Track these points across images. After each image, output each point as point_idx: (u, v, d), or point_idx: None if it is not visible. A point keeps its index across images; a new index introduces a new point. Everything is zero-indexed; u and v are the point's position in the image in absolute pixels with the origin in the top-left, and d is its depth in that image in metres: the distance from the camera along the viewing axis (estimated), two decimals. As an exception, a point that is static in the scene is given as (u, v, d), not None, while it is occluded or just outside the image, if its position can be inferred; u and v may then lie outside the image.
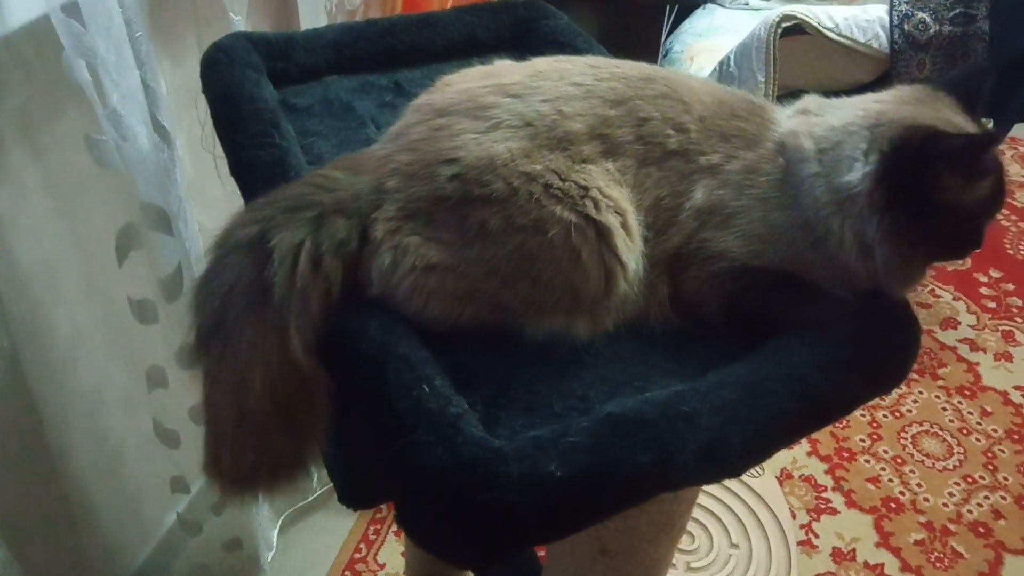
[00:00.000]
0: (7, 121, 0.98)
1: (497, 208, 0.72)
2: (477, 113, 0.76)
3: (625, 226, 0.75)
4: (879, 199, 0.73)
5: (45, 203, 1.15)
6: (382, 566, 1.73)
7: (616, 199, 0.75)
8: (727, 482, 1.88)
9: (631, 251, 0.76)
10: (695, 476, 0.69)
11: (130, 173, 1.04)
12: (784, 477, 1.97)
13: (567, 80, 0.79)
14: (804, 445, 2.04)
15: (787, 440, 0.74)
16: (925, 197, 0.73)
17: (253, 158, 0.89)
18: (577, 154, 0.76)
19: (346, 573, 1.71)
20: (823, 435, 2.07)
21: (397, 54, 1.13)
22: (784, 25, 1.89)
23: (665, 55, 2.36)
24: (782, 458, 2.01)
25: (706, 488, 1.87)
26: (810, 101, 0.84)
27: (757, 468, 1.94)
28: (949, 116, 0.76)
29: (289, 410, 0.74)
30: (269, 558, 1.66)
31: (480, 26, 1.16)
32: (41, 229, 1.18)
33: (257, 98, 0.96)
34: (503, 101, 0.77)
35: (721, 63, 2.05)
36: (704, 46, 2.32)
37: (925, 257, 0.77)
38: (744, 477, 1.91)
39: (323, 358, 0.73)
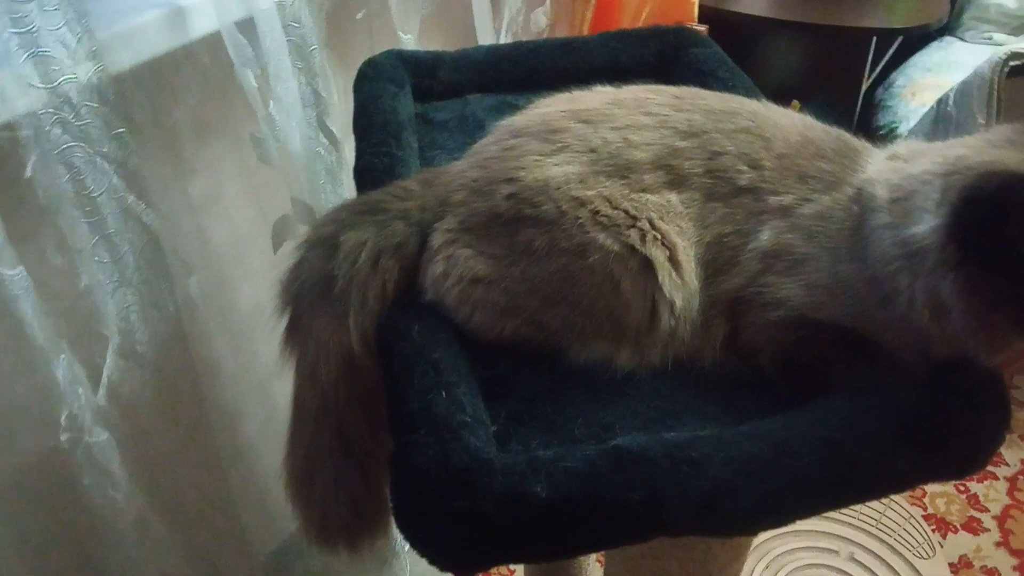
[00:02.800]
0: (187, 119, 1.14)
1: (544, 229, 0.74)
2: (546, 136, 0.78)
3: (673, 260, 0.74)
4: (952, 254, 0.66)
5: (237, 189, 1.31)
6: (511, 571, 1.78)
7: (666, 232, 0.74)
8: (887, 555, 1.73)
9: (678, 287, 0.74)
10: (691, 525, 0.66)
11: (283, 170, 1.16)
12: (962, 565, 1.77)
13: (643, 109, 0.79)
14: (994, 532, 1.82)
15: (810, 508, 0.68)
16: (1007, 251, 0.65)
17: (369, 164, 0.97)
18: (637, 183, 0.75)
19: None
20: (1020, 524, 1.83)
21: (539, 77, 1.17)
22: (1013, 64, 1.70)
23: (887, 89, 2.20)
24: (963, 543, 1.80)
25: (861, 559, 1.73)
26: (904, 145, 0.77)
27: (927, 547, 1.77)
28: None
29: (363, 401, 0.80)
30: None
31: (624, 52, 1.17)
32: (231, 213, 1.35)
33: (387, 110, 1.04)
34: (573, 126, 0.78)
35: (939, 102, 1.88)
36: (931, 82, 2.14)
37: (1019, 320, 0.68)
38: (911, 555, 1.75)
39: (377, 353, 0.79)
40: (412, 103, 1.11)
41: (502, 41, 1.54)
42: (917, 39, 2.24)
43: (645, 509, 0.64)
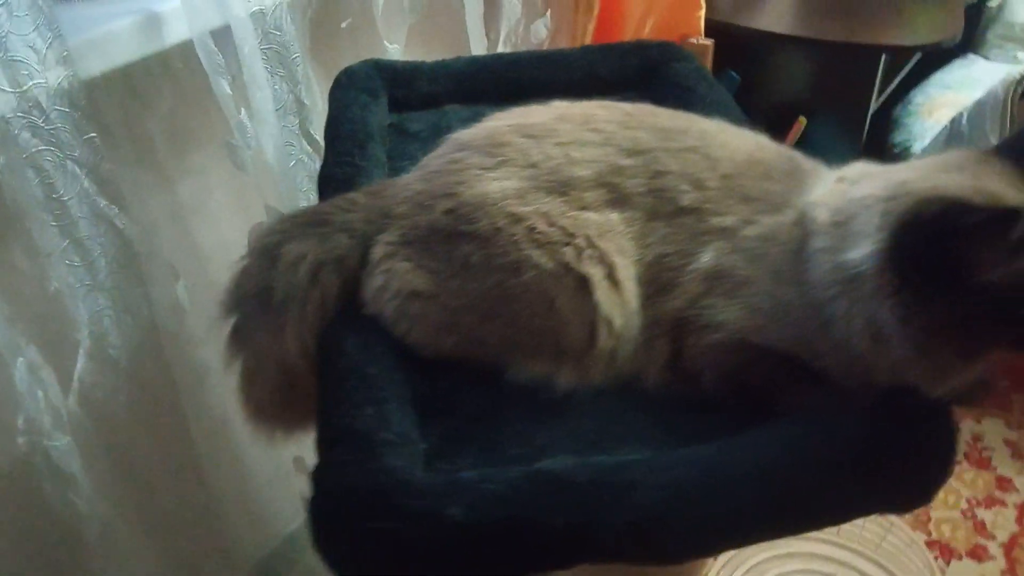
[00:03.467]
0: (163, 125, 1.14)
1: (480, 245, 0.73)
2: (489, 150, 0.77)
3: (612, 279, 0.72)
4: (890, 281, 0.63)
5: (226, 196, 1.31)
6: None
7: (605, 250, 0.72)
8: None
9: (616, 306, 0.72)
10: (618, 552, 0.64)
11: (257, 178, 1.17)
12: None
13: (589, 126, 0.77)
14: (1000, 560, 1.76)
15: (744, 537, 0.66)
16: (945, 278, 0.62)
17: (331, 174, 0.96)
18: (577, 200, 0.74)
19: None
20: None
21: (518, 88, 1.15)
22: (1026, 84, 1.65)
23: (905, 106, 2.16)
24: (967, 570, 1.75)
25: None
26: (854, 168, 0.74)
27: (928, 574, 1.71)
28: (991, 184, 0.64)
29: (300, 414, 0.80)
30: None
31: (603, 66, 1.16)
32: (218, 219, 1.35)
33: (356, 119, 1.03)
34: (517, 140, 0.77)
35: (953, 121, 1.84)
36: (949, 100, 2.09)
37: (962, 348, 0.65)
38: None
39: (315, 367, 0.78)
40: (386, 113, 1.11)
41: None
42: (939, 56, 2.19)
43: (567, 535, 0.62)
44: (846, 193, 0.70)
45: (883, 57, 1.70)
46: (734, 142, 0.77)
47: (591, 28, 1.70)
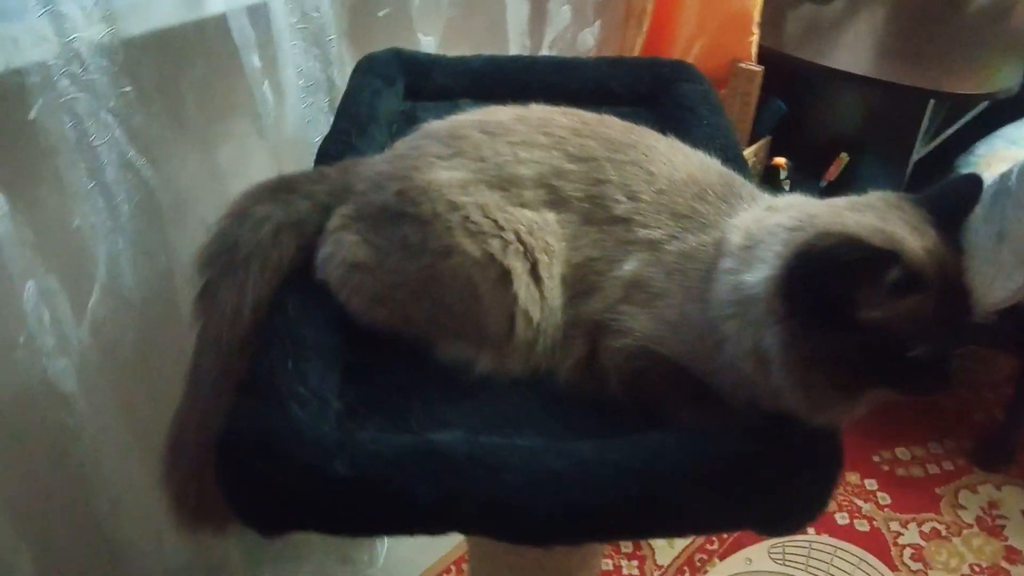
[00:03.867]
0: (195, 90, 1.23)
1: (419, 227, 0.78)
2: (448, 141, 0.82)
3: (534, 274, 0.76)
4: (779, 307, 0.66)
5: (266, 161, 1.39)
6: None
7: (532, 246, 0.76)
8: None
9: (535, 301, 0.76)
10: (481, 526, 0.68)
11: (276, 150, 1.25)
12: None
13: (544, 129, 0.81)
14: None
15: (602, 532, 0.69)
16: (829, 311, 0.64)
17: (327, 149, 1.03)
18: (516, 197, 0.78)
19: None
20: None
21: (529, 90, 1.17)
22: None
23: (967, 156, 2.10)
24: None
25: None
26: (785, 199, 0.76)
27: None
28: (895, 227, 0.65)
29: None
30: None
31: (615, 79, 1.19)
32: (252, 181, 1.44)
33: (363, 103, 1.09)
34: (474, 135, 0.81)
35: (1003, 176, 1.78)
36: (1012, 155, 2.03)
37: (839, 383, 0.66)
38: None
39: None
40: (400, 100, 1.17)
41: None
42: (1014, 110, 2.13)
43: (435, 503, 0.66)
44: (763, 220, 0.72)
45: (931, 103, 1.67)
46: (679, 161, 0.80)
47: (640, 43, 1.72)
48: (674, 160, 0.80)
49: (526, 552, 0.79)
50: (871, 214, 0.67)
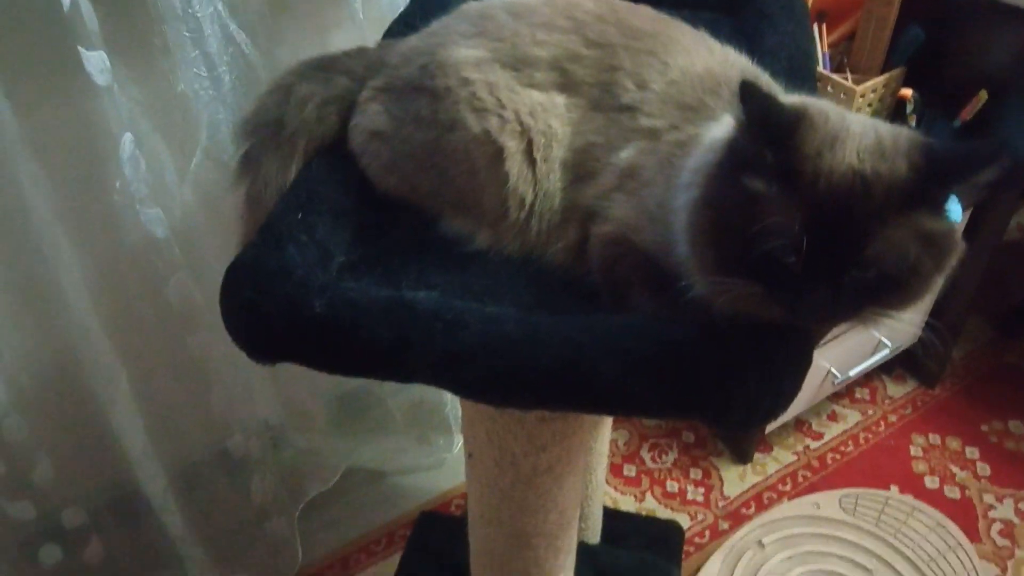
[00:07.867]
0: None
1: (432, 100, 0.81)
2: (476, 21, 0.84)
3: (528, 155, 0.77)
4: (705, 178, 0.65)
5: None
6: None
7: (530, 127, 0.77)
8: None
9: (527, 183, 0.78)
10: (434, 376, 0.71)
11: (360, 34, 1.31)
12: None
13: (567, 13, 0.81)
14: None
15: (544, 398, 0.70)
16: (733, 168, 0.62)
17: (392, 28, 1.06)
18: (527, 77, 0.79)
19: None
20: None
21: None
22: None
23: None
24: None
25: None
26: (813, 102, 0.71)
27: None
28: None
29: None
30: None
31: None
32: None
33: None
34: (500, 16, 0.83)
35: None
36: None
37: (717, 242, 0.64)
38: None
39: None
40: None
41: None
42: None
43: (390, 348, 0.71)
44: None
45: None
46: (700, 54, 0.78)
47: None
48: (695, 53, 0.78)
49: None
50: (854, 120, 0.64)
